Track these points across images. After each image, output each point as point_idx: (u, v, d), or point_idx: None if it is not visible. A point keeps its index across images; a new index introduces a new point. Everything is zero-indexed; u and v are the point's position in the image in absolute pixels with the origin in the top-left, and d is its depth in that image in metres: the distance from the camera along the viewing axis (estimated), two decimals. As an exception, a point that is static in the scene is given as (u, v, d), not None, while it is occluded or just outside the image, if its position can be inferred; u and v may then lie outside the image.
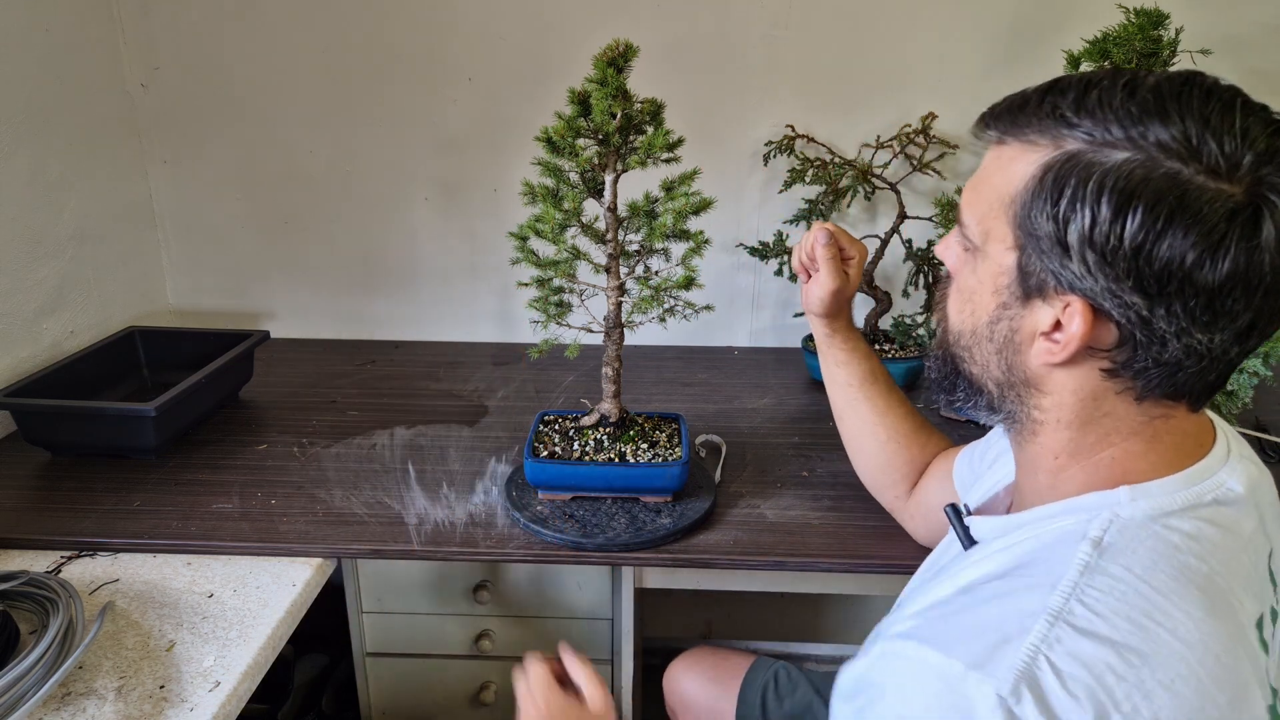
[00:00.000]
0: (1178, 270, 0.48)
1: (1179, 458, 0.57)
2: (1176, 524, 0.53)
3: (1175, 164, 0.48)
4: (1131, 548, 0.52)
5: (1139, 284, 0.49)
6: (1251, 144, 0.48)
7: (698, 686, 1.12)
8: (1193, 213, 0.47)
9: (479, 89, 1.55)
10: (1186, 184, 0.47)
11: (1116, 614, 0.48)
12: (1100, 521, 0.53)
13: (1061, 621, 0.48)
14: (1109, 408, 0.56)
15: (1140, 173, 0.48)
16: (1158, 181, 0.48)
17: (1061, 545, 0.53)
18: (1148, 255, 0.48)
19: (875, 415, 0.97)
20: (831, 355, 0.98)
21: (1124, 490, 0.55)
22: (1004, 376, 0.60)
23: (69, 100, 1.40)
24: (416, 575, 1.08)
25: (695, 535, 1.03)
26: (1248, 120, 0.49)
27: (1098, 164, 0.50)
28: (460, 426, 1.32)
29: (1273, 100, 0.54)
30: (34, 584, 0.88)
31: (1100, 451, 0.57)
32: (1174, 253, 0.48)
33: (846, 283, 0.93)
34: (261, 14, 1.50)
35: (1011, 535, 0.59)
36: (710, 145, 1.56)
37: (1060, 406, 0.58)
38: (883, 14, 1.47)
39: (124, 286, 1.56)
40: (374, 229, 1.66)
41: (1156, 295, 0.49)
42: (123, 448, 1.19)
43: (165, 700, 0.78)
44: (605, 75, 0.92)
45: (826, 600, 1.85)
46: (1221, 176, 0.48)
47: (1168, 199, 0.47)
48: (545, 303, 1.05)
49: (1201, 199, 0.47)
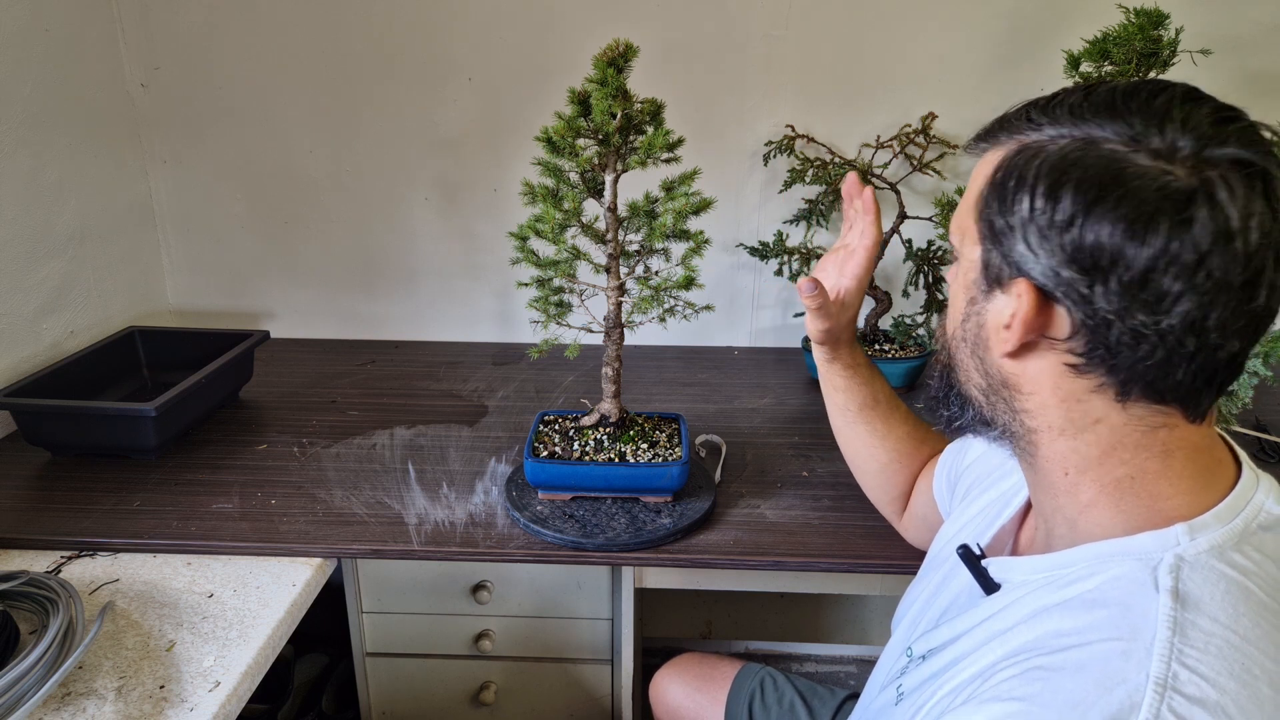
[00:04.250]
0: (1110, 245, 0.49)
1: (1208, 480, 0.55)
2: (1236, 558, 0.52)
3: (1115, 147, 0.50)
4: (1209, 594, 0.50)
5: (1075, 259, 0.50)
6: (1194, 129, 0.48)
7: (684, 695, 1.12)
8: (1125, 189, 0.48)
9: (479, 89, 1.55)
10: (1122, 162, 0.49)
11: (1219, 674, 0.47)
12: (1167, 567, 0.51)
13: (1171, 691, 0.46)
14: (1097, 412, 0.54)
15: (1076, 154, 0.50)
16: (1093, 161, 0.50)
17: (1135, 597, 0.51)
18: (1080, 230, 0.50)
19: (875, 439, 0.95)
20: (830, 380, 0.96)
21: (1180, 528, 0.53)
22: (983, 381, 0.60)
23: (69, 100, 1.40)
24: (416, 575, 1.08)
25: (695, 535, 1.03)
26: (1195, 109, 0.49)
27: (1043, 151, 0.52)
28: (460, 426, 1.32)
29: (1273, 100, 0.54)
30: (34, 584, 0.88)
31: (1113, 469, 0.55)
32: (1103, 228, 0.49)
33: (837, 323, 0.91)
34: (261, 14, 1.50)
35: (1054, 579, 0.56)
36: (710, 145, 1.56)
37: (1045, 409, 0.57)
38: (883, 14, 1.47)
39: (124, 286, 1.56)
40: (374, 229, 1.66)
41: (1092, 270, 0.50)
42: (123, 448, 1.19)
43: (165, 700, 0.78)
44: (605, 75, 0.92)
45: (826, 600, 1.85)
46: (1162, 158, 0.48)
47: (1100, 175, 0.49)
48: (545, 303, 1.05)
49: (1135, 176, 0.48)
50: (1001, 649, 0.54)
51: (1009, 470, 0.73)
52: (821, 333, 0.91)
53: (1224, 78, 1.44)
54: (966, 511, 0.76)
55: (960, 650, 0.60)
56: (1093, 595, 0.53)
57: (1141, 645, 0.48)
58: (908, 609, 0.77)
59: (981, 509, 0.74)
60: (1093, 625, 0.51)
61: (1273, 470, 1.17)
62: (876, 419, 0.95)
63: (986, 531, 0.71)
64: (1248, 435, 1.25)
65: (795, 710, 1.04)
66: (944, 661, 0.61)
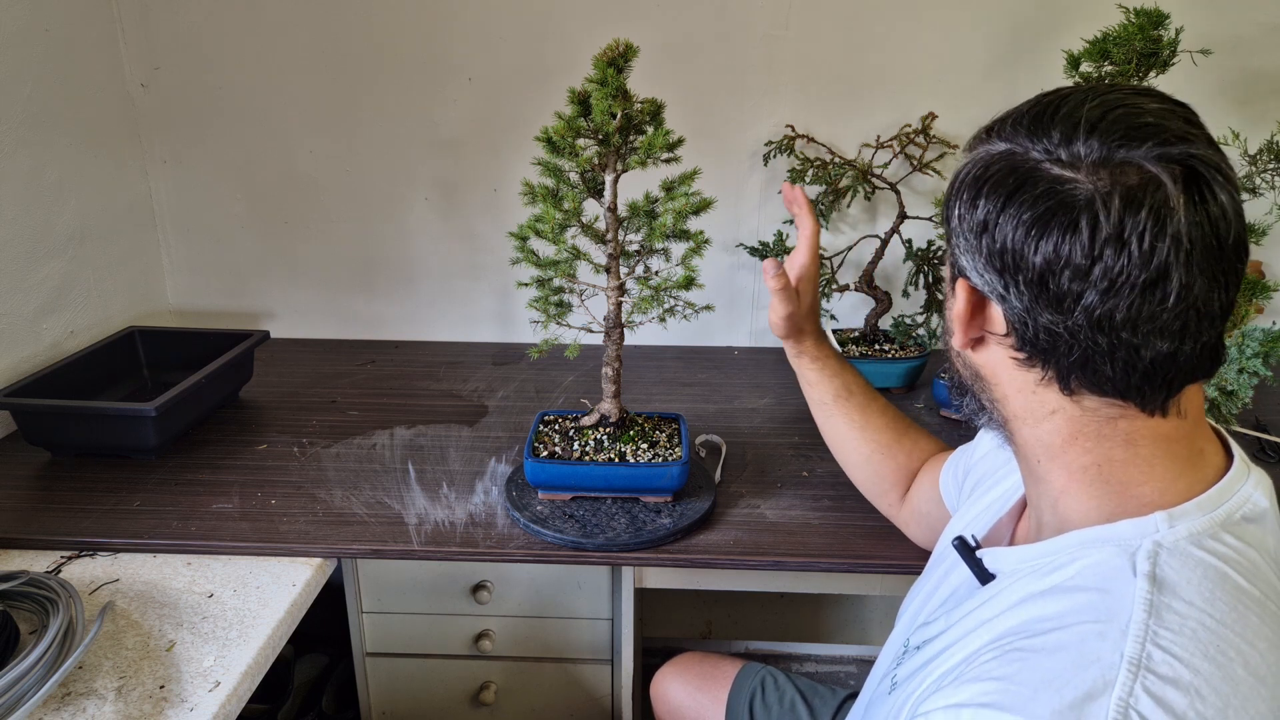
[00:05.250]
0: (1012, 248, 0.52)
1: (1185, 469, 0.55)
2: (1215, 545, 0.52)
3: (1034, 155, 0.52)
4: (1186, 578, 0.51)
5: (990, 260, 0.54)
6: (1103, 134, 0.50)
7: (685, 695, 1.12)
8: (1027, 195, 0.51)
9: (479, 89, 1.55)
10: (1032, 169, 0.52)
11: (1194, 655, 0.47)
12: (1145, 552, 0.52)
13: (1144, 670, 0.47)
14: (1052, 403, 0.57)
15: (1000, 161, 0.54)
16: (1009, 168, 0.53)
17: (1113, 581, 0.52)
18: (992, 232, 0.53)
19: (854, 430, 0.97)
20: (802, 375, 0.99)
21: (1160, 515, 0.53)
22: (964, 371, 0.64)
23: (69, 100, 1.40)
24: (416, 575, 1.08)
25: (695, 535, 1.03)
26: (1110, 115, 0.51)
27: (979, 159, 0.56)
28: (460, 426, 1.32)
29: (1273, 100, 0.54)
30: (34, 584, 0.88)
31: (1078, 457, 0.57)
32: (1006, 231, 0.52)
33: (798, 305, 0.93)
34: (261, 14, 1.50)
35: (1039, 567, 0.57)
36: (710, 145, 1.56)
37: (1006, 400, 0.60)
38: (883, 14, 1.47)
39: (124, 286, 1.56)
40: (374, 229, 1.66)
41: (1001, 270, 0.54)
42: (123, 448, 1.19)
43: (165, 700, 0.78)
44: (605, 75, 0.92)
45: (826, 600, 1.85)
46: (1066, 165, 0.51)
47: (1008, 182, 0.53)
48: (545, 303, 1.05)
49: (1040, 183, 0.51)
50: (987, 635, 0.55)
51: (1014, 467, 0.73)
52: (784, 321, 0.94)
53: (1224, 78, 1.44)
54: (973, 508, 0.77)
55: (950, 638, 0.61)
56: (1073, 581, 0.54)
57: (1117, 627, 0.49)
58: (910, 602, 0.77)
59: (987, 505, 0.75)
60: (1073, 609, 0.52)
61: (1273, 470, 1.17)
62: (853, 410, 0.97)
63: (987, 525, 0.72)
64: (1248, 435, 1.25)
65: (796, 709, 1.04)
66: (935, 650, 0.62)
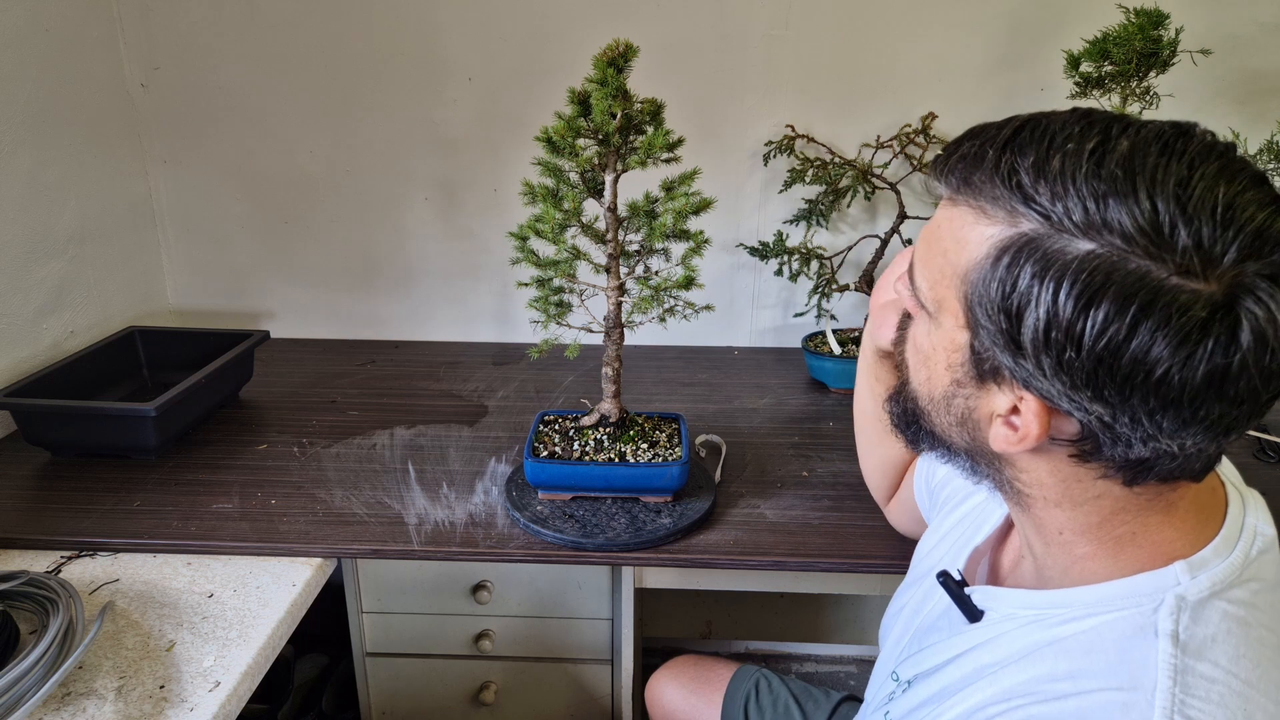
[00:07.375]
0: (1142, 382, 0.43)
1: (1207, 515, 0.53)
2: (1235, 593, 0.50)
3: (1143, 261, 0.42)
4: (1210, 636, 0.48)
5: (1098, 394, 0.45)
6: (1237, 232, 0.42)
7: (680, 698, 1.12)
8: (1161, 319, 0.42)
9: (479, 89, 1.55)
10: (1158, 287, 0.42)
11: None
12: (1168, 610, 0.49)
13: None
14: (1099, 490, 0.52)
15: (1102, 272, 0.43)
16: (1122, 283, 0.42)
17: (1133, 641, 0.49)
18: (1109, 365, 0.44)
19: None
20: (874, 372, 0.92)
21: (1179, 566, 0.50)
22: (971, 447, 0.56)
23: (69, 100, 1.40)
24: (416, 575, 1.08)
25: (695, 535, 1.03)
26: (1233, 199, 0.42)
27: (1056, 257, 0.44)
28: (460, 426, 1.32)
29: (1273, 100, 0.53)
30: (34, 584, 0.88)
31: (1114, 530, 0.53)
32: (1138, 363, 0.43)
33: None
34: (261, 14, 1.50)
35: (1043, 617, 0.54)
36: (710, 145, 1.56)
37: (1041, 485, 0.53)
38: (883, 14, 1.47)
39: (124, 286, 1.56)
40: (374, 229, 1.66)
41: (1119, 405, 0.45)
42: (123, 448, 1.19)
43: (165, 700, 0.78)
44: (605, 75, 0.92)
45: (826, 600, 1.85)
46: (1195, 274, 0.42)
47: (1132, 304, 0.42)
48: (545, 303, 1.05)
49: (1173, 303, 0.42)
50: (991, 688, 0.53)
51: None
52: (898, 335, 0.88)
53: (1224, 78, 1.44)
54: (945, 522, 0.76)
55: (946, 680, 0.59)
56: (1089, 638, 0.51)
57: (1142, 696, 0.47)
58: (893, 622, 0.76)
59: (958, 520, 0.74)
60: (1088, 670, 0.49)
61: (1272, 470, 1.17)
62: None
63: (962, 552, 0.69)
64: (1248, 435, 1.25)
65: (790, 712, 1.04)
66: (930, 691, 0.60)
